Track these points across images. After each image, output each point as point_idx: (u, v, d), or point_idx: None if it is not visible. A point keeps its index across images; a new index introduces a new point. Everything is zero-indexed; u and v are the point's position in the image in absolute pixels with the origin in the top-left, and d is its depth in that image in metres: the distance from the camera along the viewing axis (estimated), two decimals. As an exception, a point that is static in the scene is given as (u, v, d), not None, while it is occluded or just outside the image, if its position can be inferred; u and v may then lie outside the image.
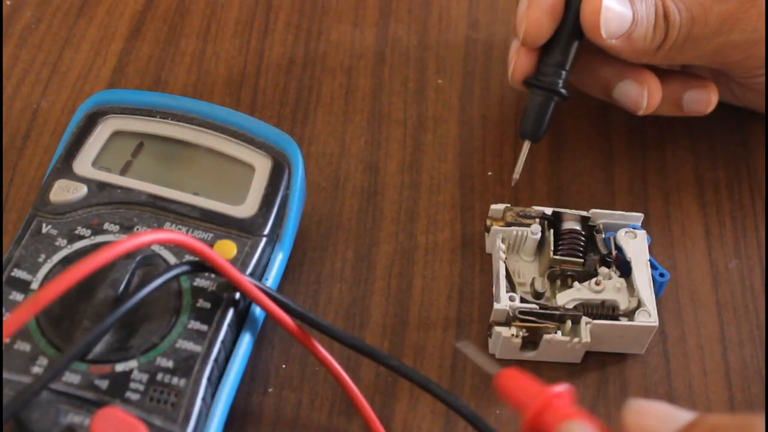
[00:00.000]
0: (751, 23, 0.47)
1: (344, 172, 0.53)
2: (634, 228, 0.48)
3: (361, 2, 0.60)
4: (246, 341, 0.42)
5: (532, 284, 0.47)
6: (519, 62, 0.48)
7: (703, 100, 0.50)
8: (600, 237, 0.48)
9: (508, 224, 0.48)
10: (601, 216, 0.48)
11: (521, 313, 0.44)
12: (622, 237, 0.47)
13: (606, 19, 0.45)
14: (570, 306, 0.45)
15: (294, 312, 0.42)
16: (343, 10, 0.60)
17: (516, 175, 0.48)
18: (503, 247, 0.47)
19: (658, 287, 0.47)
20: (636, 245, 0.47)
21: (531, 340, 0.45)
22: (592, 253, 0.47)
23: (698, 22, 0.46)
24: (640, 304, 0.45)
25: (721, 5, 0.46)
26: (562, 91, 0.47)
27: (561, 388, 0.35)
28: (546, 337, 0.44)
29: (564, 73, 0.47)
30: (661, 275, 0.47)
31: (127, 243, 0.37)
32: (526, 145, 0.48)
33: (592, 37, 0.46)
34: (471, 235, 0.50)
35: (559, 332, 0.44)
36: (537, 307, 0.45)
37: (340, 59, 0.57)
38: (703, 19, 0.46)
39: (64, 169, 0.45)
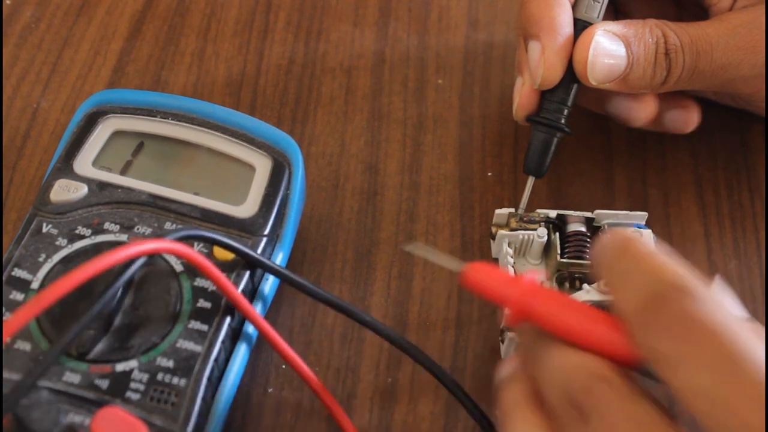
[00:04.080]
0: (761, 57, 0.45)
1: (344, 172, 0.53)
2: (639, 227, 0.48)
3: (361, 2, 0.60)
4: (246, 341, 0.42)
5: None
6: (523, 100, 0.47)
7: (685, 119, 0.50)
8: None
9: (513, 229, 0.48)
10: (605, 216, 0.48)
11: None
12: None
13: (594, 67, 0.45)
14: None
15: (302, 287, 0.43)
16: (343, 10, 0.60)
17: (521, 211, 0.48)
18: (511, 251, 0.47)
19: None
20: None
21: None
22: None
23: (703, 57, 0.45)
24: None
25: (728, 39, 0.45)
26: (566, 128, 0.47)
27: (533, 274, 0.36)
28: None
29: (566, 109, 0.47)
30: None
31: (130, 249, 0.37)
32: (531, 181, 0.48)
33: (584, 83, 0.46)
34: (470, 236, 0.50)
35: None
36: None
37: (340, 59, 0.57)
38: (708, 53, 0.45)
39: (65, 168, 0.45)
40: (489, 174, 0.53)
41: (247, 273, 0.43)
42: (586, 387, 0.33)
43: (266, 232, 0.44)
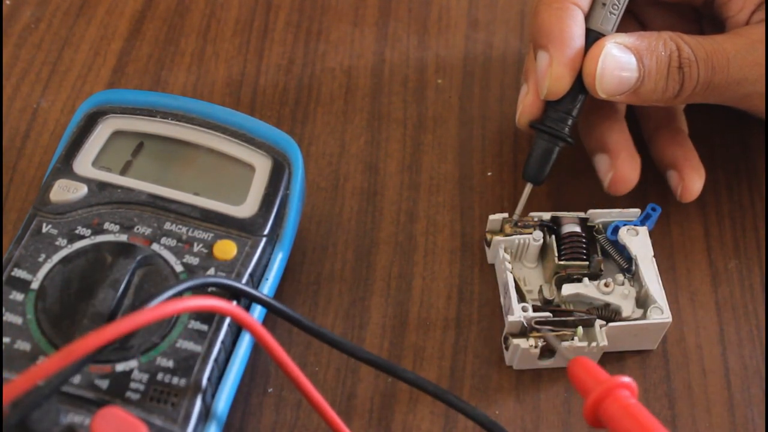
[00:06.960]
0: None
1: (344, 172, 0.53)
2: (634, 225, 0.48)
3: (361, 2, 0.60)
4: (246, 341, 0.42)
5: (540, 291, 0.47)
6: (528, 107, 0.47)
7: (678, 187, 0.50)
8: (616, 250, 0.48)
9: (508, 235, 0.48)
10: (598, 216, 0.48)
11: (537, 323, 0.44)
12: (624, 235, 0.47)
13: (602, 80, 0.44)
14: (571, 297, 0.45)
15: (303, 325, 0.42)
16: (343, 10, 0.60)
17: (516, 216, 0.48)
18: (508, 257, 0.47)
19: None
20: (639, 242, 0.47)
21: (549, 349, 0.45)
22: (595, 254, 0.47)
23: (719, 72, 0.44)
24: (646, 308, 0.45)
25: (745, 55, 0.45)
26: (568, 138, 0.46)
27: (626, 379, 0.38)
28: (564, 344, 0.44)
29: (571, 119, 0.46)
30: (653, 209, 0.48)
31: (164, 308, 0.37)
32: (528, 187, 0.47)
33: (593, 95, 0.45)
34: (470, 236, 0.50)
35: (576, 338, 0.44)
36: (551, 315, 0.45)
37: (340, 59, 0.57)
38: (724, 68, 0.44)
39: (64, 168, 0.45)
40: (489, 174, 0.53)
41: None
42: None
43: (266, 232, 0.44)
